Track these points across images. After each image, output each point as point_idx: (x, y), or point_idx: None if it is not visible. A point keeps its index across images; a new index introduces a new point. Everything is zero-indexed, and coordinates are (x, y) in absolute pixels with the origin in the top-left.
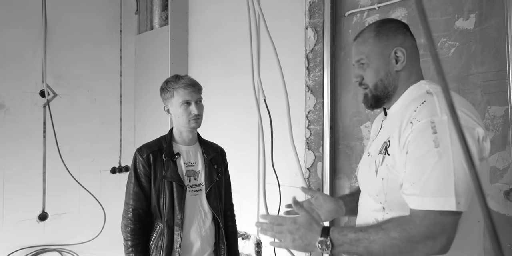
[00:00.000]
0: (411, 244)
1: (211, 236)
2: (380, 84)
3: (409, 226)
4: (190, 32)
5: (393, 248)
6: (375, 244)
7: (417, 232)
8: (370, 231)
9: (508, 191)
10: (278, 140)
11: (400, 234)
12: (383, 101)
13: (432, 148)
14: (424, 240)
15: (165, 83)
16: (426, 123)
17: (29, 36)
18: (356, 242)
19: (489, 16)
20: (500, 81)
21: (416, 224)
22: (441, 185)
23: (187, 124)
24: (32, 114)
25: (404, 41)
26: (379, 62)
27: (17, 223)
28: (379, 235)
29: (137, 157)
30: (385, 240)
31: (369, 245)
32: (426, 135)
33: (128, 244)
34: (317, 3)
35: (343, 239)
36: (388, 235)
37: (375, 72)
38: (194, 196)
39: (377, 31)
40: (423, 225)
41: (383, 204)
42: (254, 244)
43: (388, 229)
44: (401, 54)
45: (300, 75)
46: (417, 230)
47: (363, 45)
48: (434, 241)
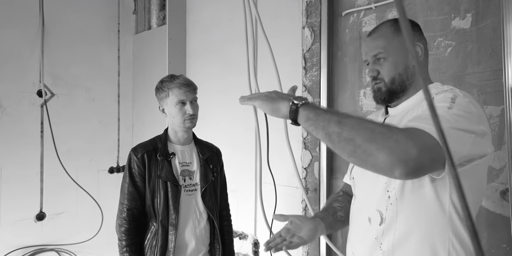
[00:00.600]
0: (386, 134)
1: (206, 236)
2: (398, 78)
3: (395, 127)
4: (188, 32)
5: (366, 129)
6: (352, 119)
7: (401, 131)
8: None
9: (504, 191)
10: (275, 140)
11: (381, 125)
12: (397, 96)
13: (445, 108)
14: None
15: (160, 82)
16: (448, 96)
17: (26, 36)
18: (334, 112)
19: (485, 16)
20: (496, 80)
21: (403, 129)
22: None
23: (182, 123)
24: (30, 114)
25: (421, 38)
26: (398, 56)
27: (14, 223)
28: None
29: (131, 156)
30: (364, 121)
31: (346, 118)
32: (445, 102)
33: (123, 244)
34: (314, 2)
35: (317, 106)
36: (372, 122)
37: (394, 66)
38: (189, 196)
39: (396, 26)
40: (410, 132)
41: (390, 192)
42: (251, 244)
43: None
44: (420, 49)
45: (297, 74)
46: (402, 131)
47: (381, 38)
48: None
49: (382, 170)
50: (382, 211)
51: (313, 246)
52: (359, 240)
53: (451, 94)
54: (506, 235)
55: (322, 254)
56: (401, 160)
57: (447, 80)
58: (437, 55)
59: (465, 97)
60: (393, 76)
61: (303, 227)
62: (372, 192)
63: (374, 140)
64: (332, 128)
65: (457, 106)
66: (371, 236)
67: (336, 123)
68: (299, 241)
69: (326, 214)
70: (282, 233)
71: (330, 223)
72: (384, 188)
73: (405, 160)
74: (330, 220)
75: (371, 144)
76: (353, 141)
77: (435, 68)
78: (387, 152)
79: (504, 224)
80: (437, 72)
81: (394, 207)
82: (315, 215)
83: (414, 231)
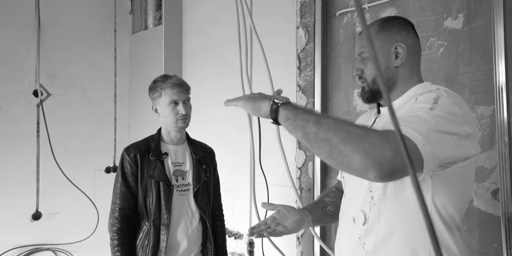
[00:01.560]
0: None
1: (198, 236)
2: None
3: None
4: (184, 32)
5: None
6: (330, 120)
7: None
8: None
9: (495, 191)
10: (269, 140)
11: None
12: (379, 96)
13: (426, 109)
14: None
15: (153, 82)
16: (431, 96)
17: (22, 37)
18: (313, 113)
19: (477, 16)
20: (487, 80)
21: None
22: (417, 125)
23: (174, 124)
24: (26, 114)
25: (407, 38)
26: (379, 56)
27: (10, 223)
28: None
29: (124, 156)
30: (341, 123)
31: (323, 118)
32: (427, 103)
33: (114, 243)
34: (308, 3)
35: (298, 106)
36: (349, 123)
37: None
38: (181, 196)
39: (381, 26)
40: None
41: (373, 193)
42: (246, 243)
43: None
44: (401, 50)
45: (292, 74)
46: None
47: (366, 39)
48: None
49: (357, 171)
50: (366, 211)
51: (307, 245)
52: (344, 239)
53: (434, 94)
54: (497, 235)
55: (316, 253)
56: (376, 162)
57: (439, 80)
58: (429, 55)
59: (450, 97)
60: (374, 76)
61: (289, 217)
62: (357, 191)
63: (349, 142)
64: (310, 128)
65: (440, 106)
66: (355, 235)
67: (313, 123)
68: (283, 230)
69: (315, 207)
70: (268, 221)
71: (318, 216)
72: (367, 188)
73: (380, 163)
74: (318, 213)
75: (346, 146)
76: (329, 142)
77: (428, 68)
78: (362, 154)
79: (495, 223)
80: (430, 72)
81: (377, 207)
82: (304, 207)
83: (396, 232)
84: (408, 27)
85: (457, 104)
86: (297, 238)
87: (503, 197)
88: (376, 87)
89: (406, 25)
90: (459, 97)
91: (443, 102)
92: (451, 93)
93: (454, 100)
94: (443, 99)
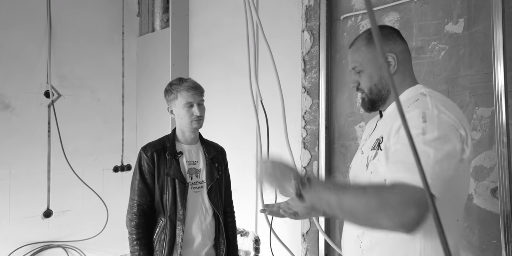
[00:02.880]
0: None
1: (212, 231)
2: (375, 88)
3: (386, 190)
4: (191, 34)
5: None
6: (349, 196)
7: (393, 197)
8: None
9: (494, 189)
10: (276, 140)
11: (375, 193)
12: (378, 104)
13: (419, 135)
14: (397, 205)
15: (169, 85)
16: (418, 113)
17: (34, 38)
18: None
19: (477, 21)
20: (487, 83)
21: (394, 191)
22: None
23: (189, 124)
24: (37, 114)
25: (395, 46)
26: (372, 68)
27: (23, 220)
28: (354, 189)
29: (142, 155)
30: (358, 194)
31: (342, 194)
32: (417, 123)
33: (133, 238)
34: (313, 7)
35: (324, 181)
36: (364, 191)
37: (369, 77)
38: (195, 193)
39: (368, 39)
40: (400, 192)
41: None
42: (252, 240)
43: (365, 187)
44: (392, 59)
45: (297, 76)
46: (394, 196)
47: (357, 53)
48: (405, 210)
49: (394, 231)
50: None
51: (312, 242)
52: (347, 236)
53: (420, 110)
54: (496, 231)
55: (321, 250)
56: (403, 223)
57: (441, 82)
58: (431, 58)
59: (434, 108)
60: (370, 87)
61: (301, 204)
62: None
63: (374, 214)
64: (334, 212)
65: (430, 125)
66: (354, 234)
67: (337, 208)
68: (293, 214)
69: None
70: (281, 205)
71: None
72: None
73: (408, 222)
74: None
75: (372, 218)
76: (358, 219)
77: (429, 70)
78: (390, 220)
79: (494, 220)
80: (431, 75)
81: None
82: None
83: (389, 235)
84: (393, 35)
85: (444, 113)
86: (302, 235)
87: (502, 195)
88: (374, 96)
89: (392, 34)
90: (444, 100)
91: (432, 117)
92: (434, 102)
93: (440, 111)
94: (430, 113)
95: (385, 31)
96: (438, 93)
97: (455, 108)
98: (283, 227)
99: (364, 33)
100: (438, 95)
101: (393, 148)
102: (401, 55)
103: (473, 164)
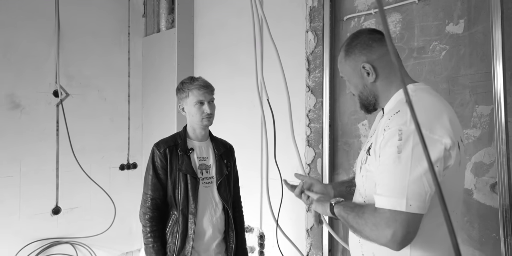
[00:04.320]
0: (363, 226)
1: (222, 224)
2: (362, 95)
3: (368, 212)
4: (196, 35)
5: (355, 223)
6: (351, 215)
7: (369, 219)
8: (357, 205)
9: (493, 184)
10: (280, 138)
11: (362, 214)
12: (371, 108)
13: (395, 154)
14: (372, 227)
15: (181, 84)
16: (394, 131)
17: (43, 38)
18: (347, 208)
19: (477, 22)
20: (486, 82)
21: (372, 214)
22: (395, 188)
23: (200, 122)
24: (46, 113)
25: (370, 54)
26: (354, 78)
27: (32, 217)
28: (356, 209)
29: (155, 151)
30: (355, 215)
31: (349, 214)
32: (393, 142)
33: (147, 230)
34: (317, 8)
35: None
36: (359, 212)
37: (355, 86)
38: (206, 188)
39: (346, 51)
40: (374, 216)
41: (364, 198)
42: (257, 236)
43: (362, 207)
44: (368, 68)
45: (301, 76)
46: (370, 218)
47: (340, 65)
48: (380, 232)
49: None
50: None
51: (317, 237)
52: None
53: (396, 127)
54: (495, 225)
55: (325, 245)
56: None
57: (442, 82)
58: (432, 58)
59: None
60: (358, 95)
61: (313, 188)
62: (356, 194)
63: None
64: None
65: (405, 143)
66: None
67: (348, 224)
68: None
69: (341, 184)
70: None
71: (341, 192)
72: (360, 194)
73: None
74: (342, 189)
75: (365, 236)
76: (361, 233)
77: (431, 70)
78: (375, 239)
79: (493, 215)
80: (432, 74)
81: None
82: (330, 183)
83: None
84: (368, 42)
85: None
86: (306, 230)
87: (501, 190)
88: (364, 102)
89: (367, 41)
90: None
91: (407, 133)
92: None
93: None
94: (406, 129)
95: (360, 40)
96: (424, 96)
97: (439, 115)
98: (288, 223)
99: (344, 44)
100: (422, 101)
101: (380, 169)
102: (379, 62)
103: (473, 160)
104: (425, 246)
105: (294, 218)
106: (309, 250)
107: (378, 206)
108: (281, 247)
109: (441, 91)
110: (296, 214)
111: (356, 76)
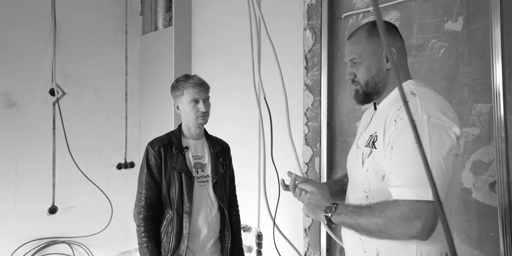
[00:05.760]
0: (387, 224)
1: (217, 223)
2: (371, 81)
3: (388, 208)
4: (193, 33)
5: (373, 225)
6: (362, 218)
7: (394, 214)
8: (362, 207)
9: (492, 183)
10: (278, 137)
11: (379, 213)
12: (373, 97)
13: (412, 144)
14: (399, 222)
15: (175, 81)
16: (407, 122)
17: (39, 37)
18: (351, 213)
19: (476, 19)
20: (485, 80)
21: (394, 208)
22: (418, 178)
23: (195, 120)
24: (42, 112)
25: (394, 41)
26: (371, 61)
27: (28, 216)
28: (366, 211)
29: (149, 150)
30: (369, 216)
31: (358, 218)
32: (407, 132)
33: (141, 230)
34: (315, 5)
35: (345, 209)
36: (372, 213)
37: (367, 70)
38: (201, 187)
39: (370, 32)
40: (400, 209)
41: (367, 193)
42: (255, 236)
43: (373, 207)
44: (393, 53)
45: (299, 74)
46: (394, 213)
47: (357, 44)
48: (409, 224)
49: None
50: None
51: (314, 237)
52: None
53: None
54: (494, 224)
55: (323, 244)
56: (413, 234)
57: (440, 79)
58: (431, 56)
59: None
60: (367, 79)
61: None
62: (354, 189)
63: (384, 231)
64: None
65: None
66: None
67: (356, 228)
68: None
69: (333, 183)
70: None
71: (335, 191)
72: (361, 189)
73: (416, 233)
74: (336, 189)
75: (384, 234)
76: (374, 235)
77: (429, 67)
78: (399, 234)
79: (492, 214)
80: (431, 72)
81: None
82: (324, 182)
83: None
84: (393, 31)
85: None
86: (304, 230)
87: (500, 189)
88: (369, 89)
89: (392, 29)
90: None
91: (421, 123)
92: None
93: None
94: (419, 118)
95: (386, 26)
96: (427, 90)
97: (445, 106)
98: (286, 222)
99: (365, 26)
100: (427, 94)
101: (394, 161)
102: (399, 51)
103: (472, 159)
104: (431, 238)
105: (292, 217)
106: (307, 249)
107: (398, 198)
108: (279, 247)
109: (440, 89)
110: (294, 213)
111: (374, 59)
